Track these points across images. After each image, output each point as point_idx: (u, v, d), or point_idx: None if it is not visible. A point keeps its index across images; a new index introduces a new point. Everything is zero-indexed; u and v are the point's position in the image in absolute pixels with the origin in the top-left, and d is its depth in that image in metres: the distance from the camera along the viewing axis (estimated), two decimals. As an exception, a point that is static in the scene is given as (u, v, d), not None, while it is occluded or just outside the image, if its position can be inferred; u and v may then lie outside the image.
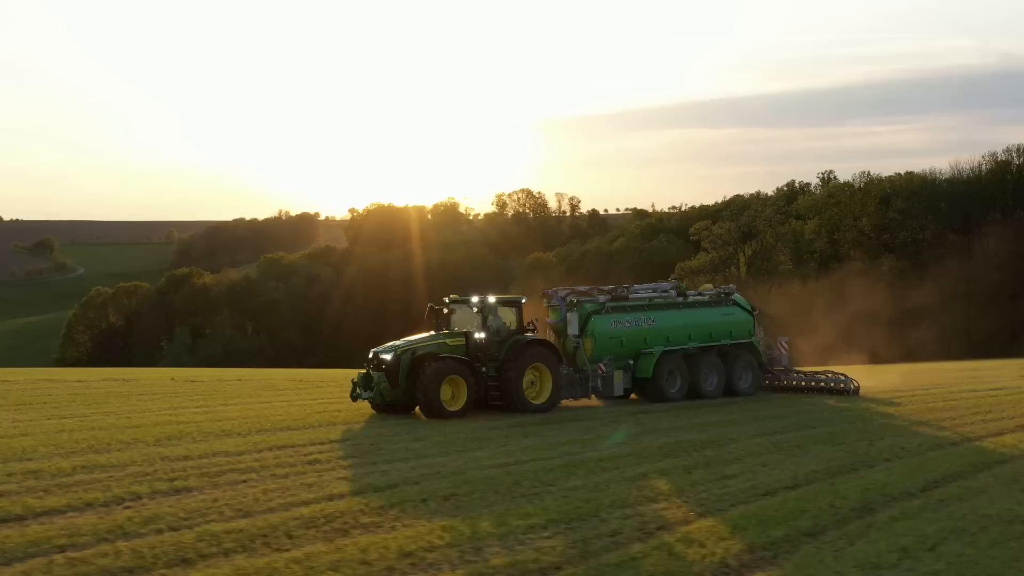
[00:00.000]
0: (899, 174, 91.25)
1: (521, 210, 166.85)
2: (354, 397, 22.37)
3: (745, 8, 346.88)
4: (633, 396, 25.88)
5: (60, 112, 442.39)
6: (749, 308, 28.46)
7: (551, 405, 22.82)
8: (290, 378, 36.34)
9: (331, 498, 12.09)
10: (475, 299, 22.86)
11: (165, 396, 26.78)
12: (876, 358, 43.37)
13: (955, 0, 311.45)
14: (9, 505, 11.43)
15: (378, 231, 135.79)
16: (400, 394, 21.59)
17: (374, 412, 22.14)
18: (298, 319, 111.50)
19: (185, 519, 10.82)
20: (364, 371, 22.22)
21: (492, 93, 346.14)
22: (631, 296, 26.46)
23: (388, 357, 21.65)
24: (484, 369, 22.18)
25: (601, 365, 24.79)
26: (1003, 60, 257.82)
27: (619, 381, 24.96)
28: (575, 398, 24.55)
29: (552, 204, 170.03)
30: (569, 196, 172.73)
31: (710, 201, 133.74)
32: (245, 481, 13.21)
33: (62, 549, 9.53)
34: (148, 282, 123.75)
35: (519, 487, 12.99)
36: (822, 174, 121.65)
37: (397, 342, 22.41)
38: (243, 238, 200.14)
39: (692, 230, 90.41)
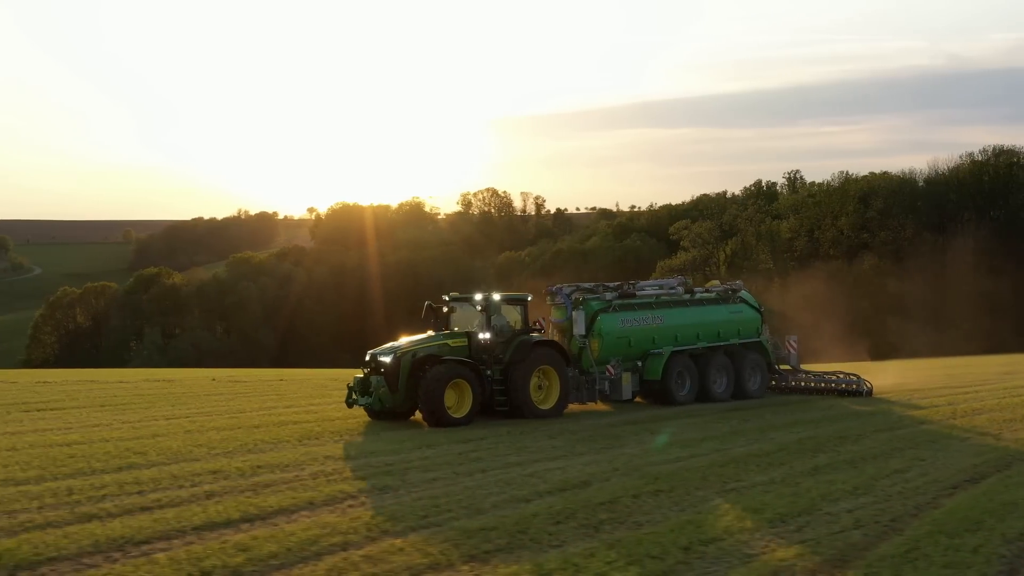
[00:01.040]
0: (874, 173, 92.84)
1: (487, 209, 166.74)
2: (350, 403, 20.86)
3: (700, 10, 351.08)
4: (638, 399, 24.43)
5: (15, 111, 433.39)
6: (757, 306, 27.33)
7: (559, 410, 21.50)
8: (330, 378, 36.22)
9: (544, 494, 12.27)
10: (478, 297, 21.51)
11: (241, 396, 26.57)
12: (861, 356, 44.15)
13: (906, 3, 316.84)
14: (236, 504, 11.51)
15: (345, 230, 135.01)
16: (400, 399, 20.17)
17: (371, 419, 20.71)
18: (269, 319, 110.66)
19: (429, 516, 11.08)
20: (361, 375, 20.80)
21: (450, 92, 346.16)
22: (638, 293, 25.12)
23: (387, 360, 20.24)
24: (489, 372, 20.78)
25: (609, 367, 23.43)
26: (952, 61, 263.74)
27: (627, 384, 23.51)
28: (581, 402, 23.04)
29: (517, 203, 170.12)
30: (534, 195, 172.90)
31: (668, 200, 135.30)
32: (435, 480, 13.39)
33: (343, 547, 9.68)
34: (107, 281, 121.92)
35: (711, 481, 13.24)
36: (788, 174, 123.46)
37: (396, 343, 20.97)
38: (202, 238, 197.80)
39: (672, 229, 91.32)
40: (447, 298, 22.32)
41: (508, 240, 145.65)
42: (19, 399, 25.32)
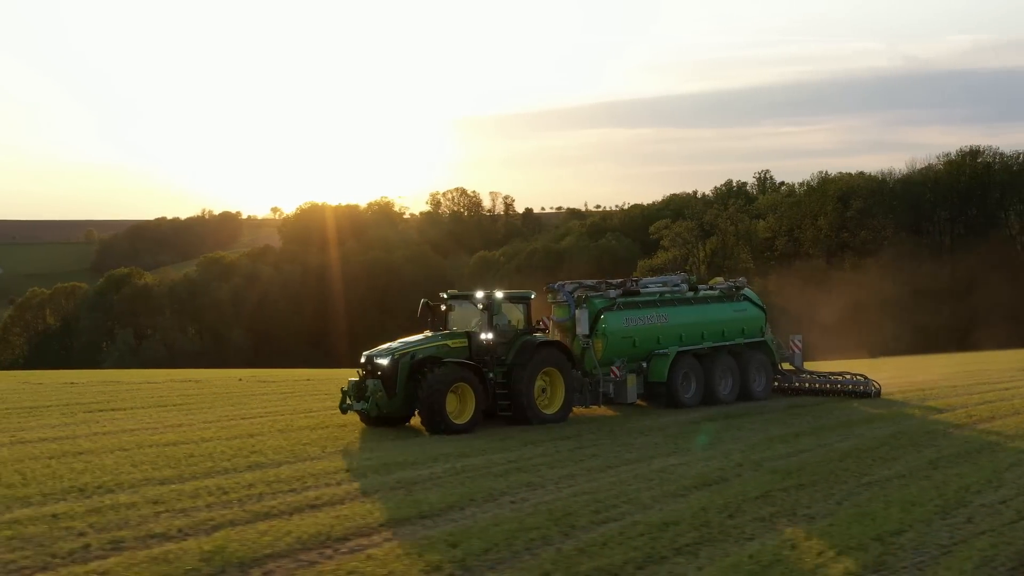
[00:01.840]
0: (850, 173, 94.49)
1: (457, 209, 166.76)
2: (344, 408, 19.52)
3: (661, 10, 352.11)
4: (639, 402, 23.26)
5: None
6: (761, 304, 26.20)
7: (564, 415, 20.26)
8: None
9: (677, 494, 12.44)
10: (480, 294, 20.20)
11: (292, 396, 26.55)
12: (847, 353, 44.86)
13: (863, 4, 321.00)
14: (398, 501, 11.69)
15: (314, 230, 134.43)
16: (398, 404, 18.92)
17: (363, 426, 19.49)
18: (241, 319, 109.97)
19: (600, 512, 11.26)
20: (356, 378, 19.52)
21: (412, 91, 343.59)
22: (642, 291, 23.86)
23: (384, 362, 18.97)
24: (491, 375, 19.54)
25: (614, 368, 22.28)
26: (909, 63, 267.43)
27: (632, 386, 22.37)
28: (585, 406, 21.82)
29: (486, 203, 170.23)
30: (503, 195, 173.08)
31: (631, 199, 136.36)
32: (571, 476, 13.61)
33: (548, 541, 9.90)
34: (74, 282, 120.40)
35: (844, 475, 13.58)
36: (758, 173, 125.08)
37: (393, 344, 19.69)
38: (166, 237, 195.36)
39: (652, 229, 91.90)
40: (445, 296, 21.08)
41: (478, 240, 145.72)
42: (70, 400, 25.04)
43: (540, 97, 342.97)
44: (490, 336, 19.82)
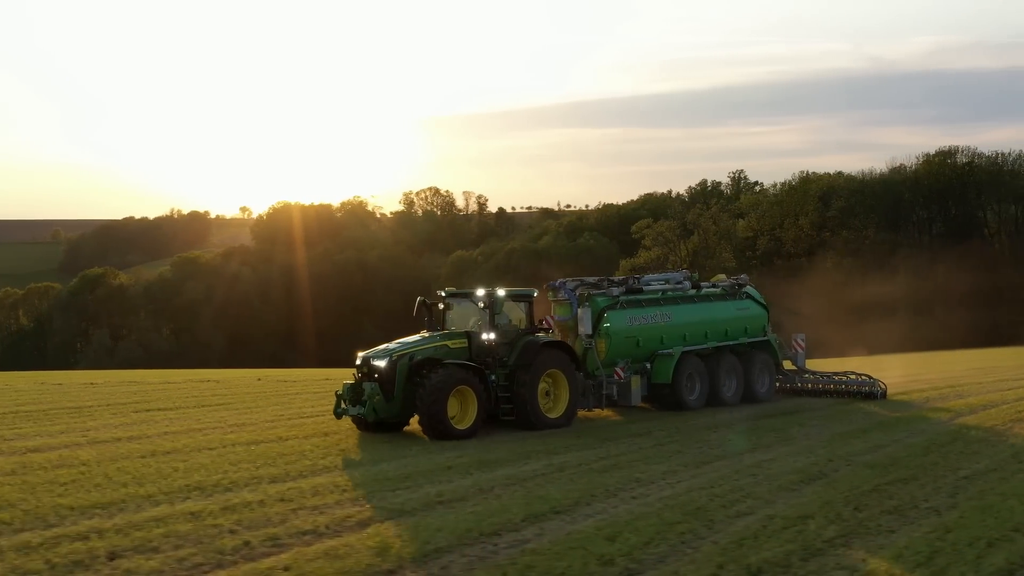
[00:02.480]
0: (828, 173, 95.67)
1: (430, 209, 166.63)
2: (338, 413, 18.56)
3: (629, 10, 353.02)
4: (641, 404, 22.16)
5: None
6: (763, 302, 25.41)
7: (569, 419, 19.39)
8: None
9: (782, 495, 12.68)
10: (481, 292, 19.38)
11: (315, 396, 26.36)
12: (838, 351, 45.43)
13: (830, 6, 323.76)
14: (534, 501, 11.84)
15: (287, 230, 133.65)
16: (396, 409, 17.98)
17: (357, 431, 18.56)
18: (218, 319, 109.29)
19: (729, 506, 11.46)
20: (351, 381, 18.63)
21: (380, 90, 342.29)
22: (644, 288, 22.94)
23: (382, 363, 18.02)
24: (493, 377, 18.68)
25: (618, 370, 21.37)
26: (874, 63, 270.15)
27: (637, 388, 21.50)
28: (587, 409, 20.96)
29: (460, 203, 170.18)
30: (476, 195, 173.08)
31: (600, 199, 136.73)
32: (673, 473, 13.84)
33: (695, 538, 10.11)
34: (39, 282, 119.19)
35: (937, 470, 13.86)
36: (733, 173, 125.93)
37: (390, 344, 18.80)
38: (135, 237, 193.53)
39: (634, 228, 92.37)
40: (443, 293, 20.14)
41: (452, 240, 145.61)
42: (107, 401, 24.82)
43: (509, 97, 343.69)
44: (492, 336, 18.99)
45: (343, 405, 18.47)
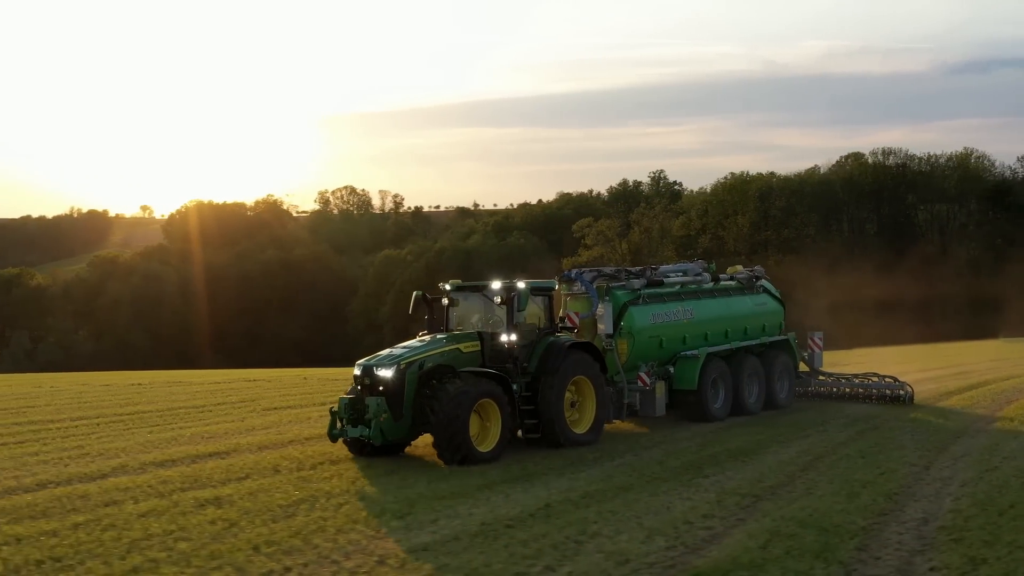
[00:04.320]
0: (761, 174, 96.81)
1: (346, 207, 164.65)
2: (334, 435, 15.38)
3: (530, 11, 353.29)
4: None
5: None
6: (779, 296, 23.01)
7: (596, 435, 16.61)
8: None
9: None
10: (497, 284, 16.52)
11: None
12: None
13: (726, 10, 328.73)
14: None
15: (202, 228, 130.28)
16: (406, 428, 15.05)
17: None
18: (139, 320, 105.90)
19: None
20: (350, 396, 15.41)
21: (278, 88, 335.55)
22: (665, 280, 20.38)
23: (388, 374, 14.93)
24: (516, 386, 15.69)
25: (642, 375, 18.53)
26: (768, 67, 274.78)
27: (662, 395, 18.69)
28: (608, 420, 17.55)
29: (376, 202, 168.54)
30: (393, 194, 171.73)
31: (501, 199, 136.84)
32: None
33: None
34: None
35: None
36: (653, 173, 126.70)
37: (394, 350, 15.78)
38: (33, 237, 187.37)
39: (575, 227, 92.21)
40: (447, 287, 17.07)
41: (369, 239, 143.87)
42: (202, 403, 24.73)
43: (407, 96, 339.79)
44: (513, 338, 15.96)
45: (340, 425, 15.27)
